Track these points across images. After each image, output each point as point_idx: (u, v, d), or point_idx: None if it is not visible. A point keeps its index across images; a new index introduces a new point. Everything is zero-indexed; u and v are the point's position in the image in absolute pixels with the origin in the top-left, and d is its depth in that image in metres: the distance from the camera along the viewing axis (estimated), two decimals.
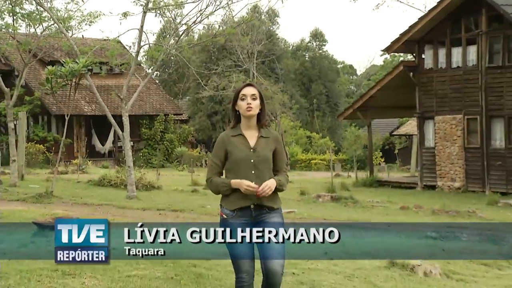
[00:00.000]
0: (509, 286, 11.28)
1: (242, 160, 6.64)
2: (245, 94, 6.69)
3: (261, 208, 6.66)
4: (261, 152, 6.69)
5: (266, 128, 6.84)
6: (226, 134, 6.84)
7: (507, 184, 34.61)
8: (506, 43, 34.88)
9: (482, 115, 35.73)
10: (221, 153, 6.77)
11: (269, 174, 6.69)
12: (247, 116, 6.70)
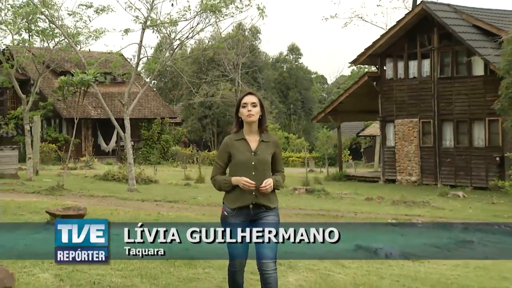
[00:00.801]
0: (456, 265, 11.31)
1: (244, 162, 6.57)
2: (246, 102, 6.63)
3: (259, 207, 6.58)
4: (262, 155, 6.62)
5: (266, 133, 6.77)
6: (230, 138, 6.77)
7: (455, 178, 35.21)
8: (454, 57, 35.48)
9: (435, 119, 36.11)
10: (224, 155, 6.70)
11: (268, 175, 6.62)
12: (248, 122, 6.61)
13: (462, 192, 30.83)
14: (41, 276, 8.95)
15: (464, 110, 35.20)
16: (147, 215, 16.79)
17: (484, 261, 12.08)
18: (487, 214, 22.76)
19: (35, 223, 13.84)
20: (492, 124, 33.91)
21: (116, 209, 18.04)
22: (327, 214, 19.80)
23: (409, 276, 9.92)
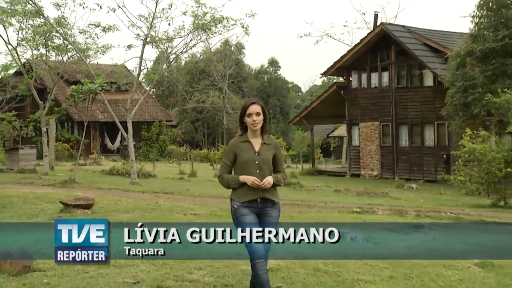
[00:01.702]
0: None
1: (249, 161, 6.45)
2: (251, 112, 6.47)
3: (266, 202, 6.46)
4: (264, 155, 6.50)
5: (267, 137, 6.67)
6: (235, 140, 6.65)
7: (410, 172, 35.51)
8: (409, 70, 35.83)
9: (393, 123, 36.30)
10: (231, 155, 6.57)
11: (270, 173, 6.50)
12: (253, 129, 6.50)
13: (415, 185, 31.03)
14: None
15: (417, 115, 35.40)
16: (147, 204, 16.73)
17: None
18: (435, 203, 22.84)
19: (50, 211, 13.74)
20: (440, 127, 34.13)
21: (120, 199, 17.97)
22: (301, 204, 19.80)
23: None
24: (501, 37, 28.11)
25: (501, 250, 11.32)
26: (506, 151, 22.82)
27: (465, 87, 28.75)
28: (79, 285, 7.38)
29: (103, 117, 48.50)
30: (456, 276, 8.72)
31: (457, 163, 25.57)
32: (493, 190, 23.38)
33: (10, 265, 7.76)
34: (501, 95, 22.48)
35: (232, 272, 8.33)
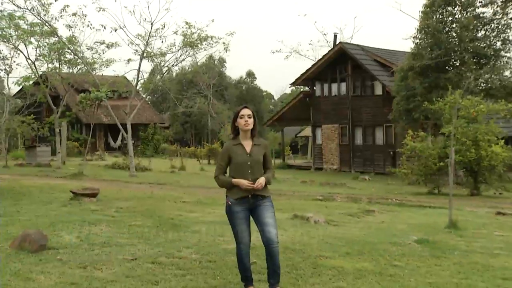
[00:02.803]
0: (364, 227, 11.39)
1: (242, 163, 6.15)
2: (243, 114, 6.29)
3: (256, 196, 6.22)
4: (255, 156, 6.21)
5: (257, 138, 6.43)
6: (229, 143, 6.36)
7: (363, 166, 35.67)
8: (362, 82, 36.07)
9: (349, 125, 36.47)
10: (225, 157, 6.24)
11: (261, 172, 6.23)
12: (244, 130, 6.26)
13: (368, 176, 31.15)
14: (66, 237, 8.88)
15: (369, 119, 35.59)
16: (143, 193, 16.72)
17: (381, 224, 12.19)
18: (384, 192, 23.00)
19: (62, 199, 13.67)
20: (388, 129, 34.35)
21: (121, 189, 17.93)
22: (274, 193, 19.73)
23: (331, 236, 9.96)
24: (435, 56, 28.46)
25: (434, 229, 11.45)
26: (440, 148, 23.08)
27: (407, 96, 29.00)
28: (86, 260, 7.36)
29: (107, 120, 48.17)
30: (399, 251, 8.78)
31: (401, 159, 25.80)
32: (429, 181, 23.64)
33: (29, 244, 7.74)
34: (435, 103, 22.64)
35: (215, 251, 8.33)
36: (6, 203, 12.93)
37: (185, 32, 27.71)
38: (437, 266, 7.95)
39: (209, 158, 41.60)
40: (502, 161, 22.20)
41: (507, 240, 10.46)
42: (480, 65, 28.78)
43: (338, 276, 7.07)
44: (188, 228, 10.29)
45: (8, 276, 6.45)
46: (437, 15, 29.45)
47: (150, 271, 7.00)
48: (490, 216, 14.82)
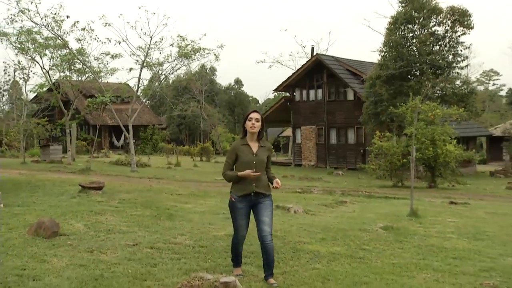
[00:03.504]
0: (336, 216, 11.42)
1: (247, 161, 5.93)
2: (251, 117, 6.02)
3: (258, 194, 6.02)
4: (260, 156, 5.99)
5: (263, 140, 6.16)
6: (237, 143, 6.13)
7: (337, 163, 35.64)
8: (336, 88, 36.08)
9: (325, 126, 36.49)
10: (233, 155, 6.02)
11: (264, 171, 6.03)
12: (251, 132, 6.00)
13: (341, 171, 31.20)
14: (75, 225, 8.82)
15: (342, 121, 35.64)
16: (143, 187, 16.62)
17: (352, 213, 12.21)
18: (355, 185, 23.04)
19: (72, 192, 13.58)
20: (358, 130, 34.45)
21: (123, 183, 17.84)
22: None
23: (308, 224, 9.97)
24: (398, 67, 28.70)
25: (398, 217, 11.50)
26: (403, 147, 23.18)
27: (375, 101, 29.15)
28: (93, 245, 7.33)
29: (111, 122, 47.97)
30: (368, 236, 8.81)
31: (370, 156, 25.92)
32: (394, 175, 23.74)
33: (43, 231, 7.73)
34: (399, 107, 22.81)
35: (206, 237, 8.31)
36: (23, 194, 12.87)
37: (180, 44, 27.77)
38: (400, 249, 8.01)
39: (201, 156, 41.49)
40: (455, 158, 22.42)
41: (457, 226, 10.59)
42: (436, 75, 29.18)
43: (314, 259, 7.09)
44: (183, 217, 10.26)
45: (26, 258, 6.48)
46: (399, 31, 29.73)
47: (149, 255, 6.98)
48: (444, 205, 14.95)
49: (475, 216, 12.31)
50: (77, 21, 28.63)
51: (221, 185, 19.69)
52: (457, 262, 7.21)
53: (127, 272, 6.06)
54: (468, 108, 28.33)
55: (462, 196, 18.27)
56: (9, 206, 10.58)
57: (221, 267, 6.45)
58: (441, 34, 29.70)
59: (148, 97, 62.89)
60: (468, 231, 9.91)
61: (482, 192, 20.90)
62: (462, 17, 29.43)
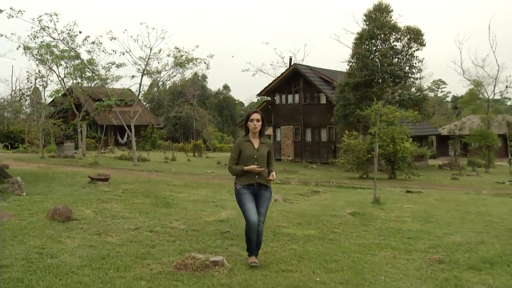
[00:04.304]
0: (312, 204, 11.45)
1: (250, 156, 5.71)
2: (253, 118, 5.80)
3: (261, 185, 5.72)
4: (261, 152, 5.77)
5: (264, 137, 5.92)
6: (240, 140, 5.90)
7: (312, 158, 35.50)
8: (311, 93, 35.92)
9: (301, 126, 36.40)
10: (237, 151, 5.79)
11: (265, 165, 5.78)
12: (253, 132, 5.81)
13: (315, 165, 31.24)
14: (85, 211, 8.76)
15: (316, 122, 35.61)
16: (143, 178, 16.54)
17: (325, 201, 12.25)
18: (327, 177, 23.11)
19: (82, 182, 13.47)
20: (330, 129, 34.46)
21: (126, 175, 17.73)
22: None
23: (287, 210, 9.98)
24: (364, 75, 28.85)
25: (363, 204, 11.55)
26: (368, 144, 23.30)
27: (344, 105, 29.24)
28: (101, 229, 7.28)
29: (116, 122, 47.45)
30: (338, 221, 8.84)
31: (340, 152, 25.95)
32: (360, 168, 23.84)
33: (59, 216, 7.72)
34: (364, 110, 22.89)
35: (198, 222, 8.29)
36: (42, 185, 12.76)
37: (176, 55, 27.80)
38: (364, 231, 8.05)
39: (194, 152, 41.27)
40: (411, 153, 22.62)
41: (412, 211, 10.68)
42: (395, 83, 29.46)
43: (291, 240, 7.11)
44: (178, 205, 10.22)
45: (44, 239, 6.50)
46: (364, 45, 29.88)
47: (149, 237, 6.95)
48: (402, 193, 15.05)
49: (427, 203, 12.42)
50: (88, 36, 28.86)
51: (211, 177, 19.65)
52: (411, 241, 7.27)
53: (129, 252, 6.04)
54: (422, 111, 28.66)
55: (416, 186, 18.40)
56: (30, 195, 10.51)
57: (211, 248, 6.43)
58: (399, 49, 29.97)
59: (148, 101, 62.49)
60: (420, 215, 10.00)
61: (432, 183, 21.09)
62: (416, 35, 29.83)
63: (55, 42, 27.49)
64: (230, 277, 5.13)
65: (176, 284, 4.84)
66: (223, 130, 68.26)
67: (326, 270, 5.55)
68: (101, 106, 29.47)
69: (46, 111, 38.54)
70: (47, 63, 29.11)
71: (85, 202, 9.73)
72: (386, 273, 5.49)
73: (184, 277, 5.05)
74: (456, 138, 36.66)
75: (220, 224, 8.18)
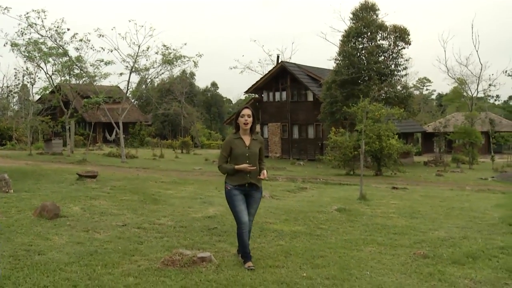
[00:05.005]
0: (298, 200, 11.47)
1: (241, 154, 5.47)
2: (244, 114, 5.56)
3: (252, 186, 5.52)
4: (252, 149, 5.54)
5: (255, 134, 5.68)
6: (230, 137, 5.64)
7: (299, 154, 35.53)
8: (298, 91, 35.97)
9: (289, 123, 36.42)
10: (227, 149, 5.53)
11: (256, 162, 5.57)
12: (244, 128, 5.57)
13: (302, 162, 31.25)
14: (73, 208, 8.71)
15: (303, 119, 35.66)
16: (131, 175, 16.46)
17: (312, 197, 12.28)
18: (314, 173, 23.19)
19: (70, 179, 13.37)
20: (317, 126, 34.55)
21: (114, 172, 17.65)
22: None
23: (274, 207, 9.99)
24: (350, 73, 28.96)
25: (349, 200, 11.60)
26: (354, 141, 23.39)
27: (331, 102, 29.32)
28: (89, 226, 7.24)
29: (104, 119, 47.04)
30: (324, 217, 8.87)
31: (327, 149, 26.06)
32: (347, 165, 23.95)
33: (47, 213, 7.66)
34: (351, 108, 22.99)
35: (186, 219, 8.27)
36: (29, 182, 12.66)
37: (164, 52, 27.70)
38: (351, 227, 8.07)
39: (182, 149, 41.17)
40: (396, 150, 22.75)
41: (398, 207, 10.74)
42: (382, 81, 29.58)
43: (279, 236, 7.11)
44: (165, 201, 10.19)
45: (32, 236, 6.46)
46: (351, 43, 29.98)
47: (136, 234, 6.91)
48: (388, 190, 15.14)
49: (412, 199, 12.51)
50: (76, 33, 28.70)
51: (198, 174, 19.62)
52: (396, 237, 7.32)
53: (117, 248, 6.01)
54: (407, 109, 28.83)
55: (402, 182, 18.54)
56: (18, 192, 10.41)
57: (198, 244, 6.41)
58: (386, 47, 30.09)
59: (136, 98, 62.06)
60: (406, 211, 10.06)
61: (418, 179, 21.26)
62: (402, 34, 29.97)
63: (43, 39, 27.32)
64: (218, 273, 5.12)
65: (163, 280, 4.82)
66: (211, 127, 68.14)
67: (312, 266, 5.56)
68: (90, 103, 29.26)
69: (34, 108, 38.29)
70: (35, 60, 28.89)
71: (73, 199, 9.66)
72: (372, 268, 5.52)
73: (172, 273, 5.03)
74: (441, 135, 36.97)
75: (207, 220, 8.16)
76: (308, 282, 4.94)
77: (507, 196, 12.95)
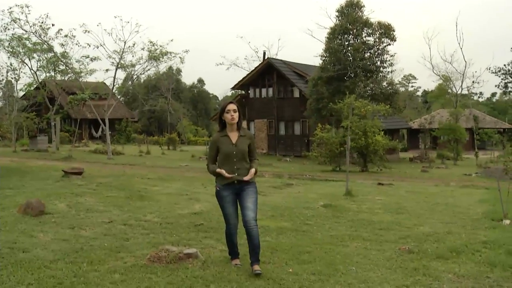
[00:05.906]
0: (284, 196, 11.48)
1: (228, 153, 5.19)
2: (229, 109, 5.30)
3: (241, 182, 5.22)
4: (240, 146, 5.23)
5: (242, 129, 5.39)
6: (217, 135, 5.37)
7: (285, 151, 35.49)
8: (284, 87, 35.91)
9: (275, 119, 36.43)
10: (214, 148, 5.27)
11: (246, 160, 5.30)
12: (231, 123, 5.28)
13: (289, 158, 31.32)
14: (59, 205, 8.64)
15: (290, 115, 35.68)
16: (118, 172, 16.37)
17: (298, 193, 12.31)
18: (300, 170, 23.23)
19: (56, 176, 13.25)
20: (303, 122, 34.58)
21: (100, 169, 17.56)
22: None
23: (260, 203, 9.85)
24: (337, 70, 29.05)
25: (335, 196, 11.65)
26: (340, 137, 23.47)
27: (317, 99, 29.39)
28: (74, 223, 7.19)
29: (90, 116, 46.64)
30: (310, 213, 8.89)
31: (313, 145, 26.12)
32: (333, 161, 24.01)
33: (31, 210, 7.60)
34: (337, 104, 23.07)
35: (172, 215, 8.25)
36: (14, 179, 12.54)
37: (150, 48, 27.53)
38: (337, 223, 8.11)
39: (168, 145, 41.02)
40: (382, 146, 22.91)
41: (383, 203, 10.80)
42: (367, 77, 29.70)
43: (265, 232, 7.10)
44: (152, 198, 10.14)
45: (16, 234, 6.39)
46: (337, 40, 30.06)
47: (123, 231, 6.88)
48: (374, 186, 15.23)
49: (398, 195, 12.60)
50: (61, 29, 29.12)
51: (185, 170, 19.56)
52: (382, 232, 7.37)
53: (103, 245, 5.97)
54: (393, 105, 28.98)
55: (388, 178, 18.65)
56: (2, 189, 10.31)
57: (185, 241, 6.40)
58: (371, 44, 30.19)
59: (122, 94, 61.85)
60: (391, 207, 10.13)
61: (403, 175, 21.41)
62: (387, 30, 30.07)
63: (27, 34, 27.09)
64: (204, 269, 5.12)
65: (150, 277, 4.80)
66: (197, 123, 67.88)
67: (298, 262, 5.58)
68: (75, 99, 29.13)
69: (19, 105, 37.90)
70: (19, 56, 28.67)
71: (59, 196, 9.58)
72: (358, 264, 5.55)
73: (158, 269, 5.02)
74: (426, 131, 37.29)
75: (193, 216, 8.15)
76: (294, 278, 4.96)
77: (490, 192, 13.10)
